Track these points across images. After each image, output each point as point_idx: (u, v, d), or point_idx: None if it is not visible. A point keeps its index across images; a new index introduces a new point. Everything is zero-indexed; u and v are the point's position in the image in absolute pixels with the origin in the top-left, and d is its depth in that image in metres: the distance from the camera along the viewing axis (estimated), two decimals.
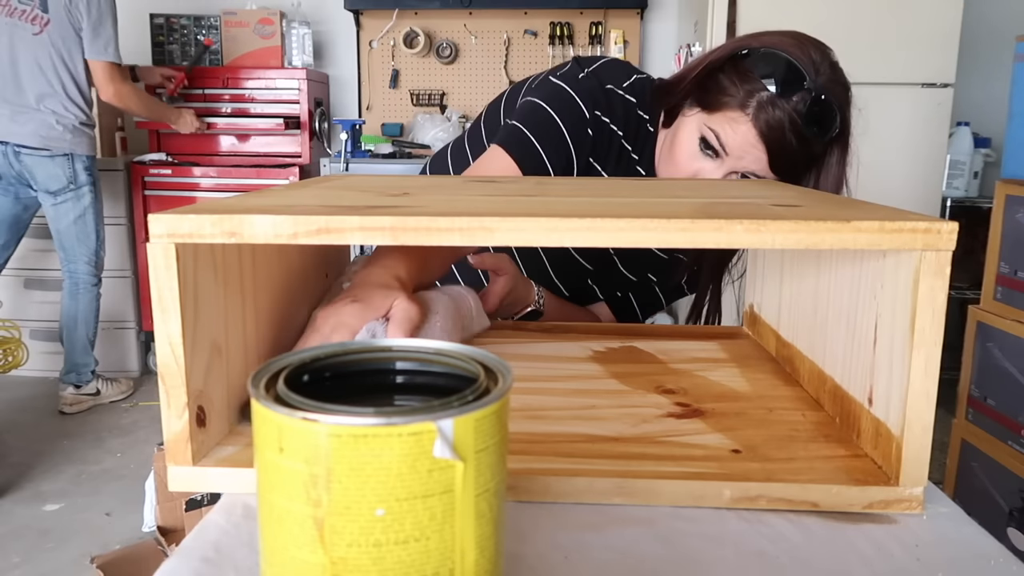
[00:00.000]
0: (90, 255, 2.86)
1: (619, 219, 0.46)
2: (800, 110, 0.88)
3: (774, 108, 0.89)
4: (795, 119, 0.89)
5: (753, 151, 0.91)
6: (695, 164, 0.95)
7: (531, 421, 0.61)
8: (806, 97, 0.89)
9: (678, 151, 0.97)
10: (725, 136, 0.92)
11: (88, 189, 2.79)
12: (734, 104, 0.91)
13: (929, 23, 2.60)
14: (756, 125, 0.90)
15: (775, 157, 0.91)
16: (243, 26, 3.34)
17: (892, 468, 0.50)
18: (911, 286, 0.48)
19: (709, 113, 0.94)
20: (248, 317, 0.59)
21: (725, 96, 0.92)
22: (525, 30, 3.55)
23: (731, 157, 0.93)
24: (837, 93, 0.91)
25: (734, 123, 0.91)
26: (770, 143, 0.90)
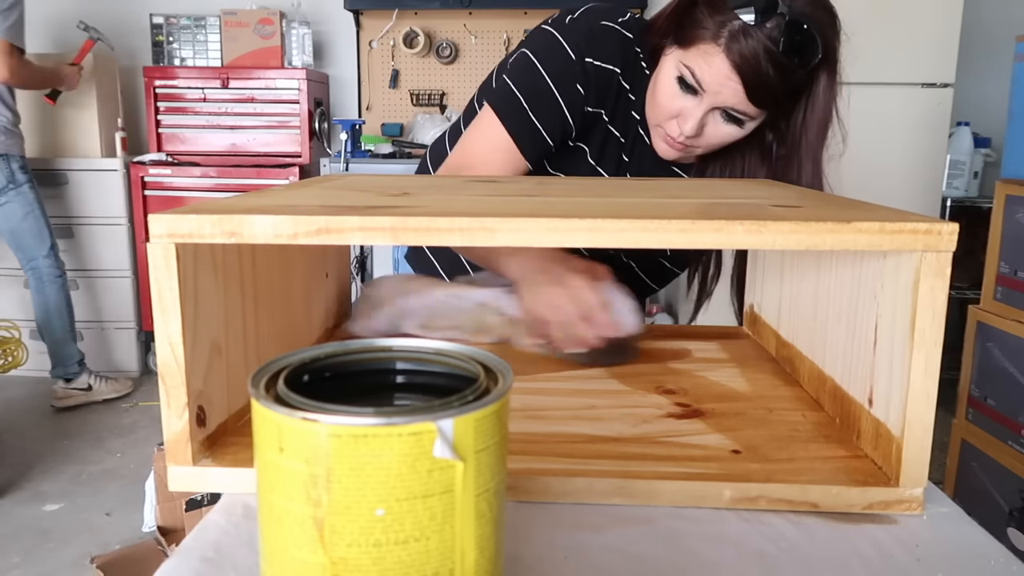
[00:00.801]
0: (48, 249, 2.90)
1: (620, 220, 0.46)
2: (775, 37, 0.85)
3: (747, 37, 0.85)
4: (770, 47, 0.85)
5: (729, 84, 0.88)
6: (676, 103, 0.93)
7: (531, 421, 0.61)
8: (780, 23, 0.85)
9: (659, 92, 0.95)
10: (700, 72, 0.90)
11: (28, 186, 2.83)
12: (707, 37, 0.88)
13: (929, 23, 2.60)
14: (729, 57, 0.87)
15: (752, 89, 0.88)
16: (243, 26, 3.34)
17: (892, 469, 0.50)
18: (911, 287, 0.48)
19: (684, 49, 0.91)
20: (248, 317, 0.59)
21: (699, 30, 0.89)
22: (525, 30, 3.55)
23: (708, 93, 0.90)
24: (816, 17, 0.87)
25: (708, 57, 0.89)
26: (745, 75, 0.87)
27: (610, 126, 1.02)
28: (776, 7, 0.85)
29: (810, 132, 0.93)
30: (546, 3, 3.45)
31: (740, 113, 0.91)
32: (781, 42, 0.85)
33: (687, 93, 0.92)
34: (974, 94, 3.27)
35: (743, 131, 0.93)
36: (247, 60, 3.36)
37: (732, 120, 0.92)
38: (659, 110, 0.96)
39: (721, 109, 0.92)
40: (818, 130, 0.94)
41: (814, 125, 0.93)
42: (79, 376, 2.99)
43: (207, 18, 3.43)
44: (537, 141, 0.98)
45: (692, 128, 0.92)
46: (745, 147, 0.99)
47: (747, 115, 0.91)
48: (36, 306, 2.90)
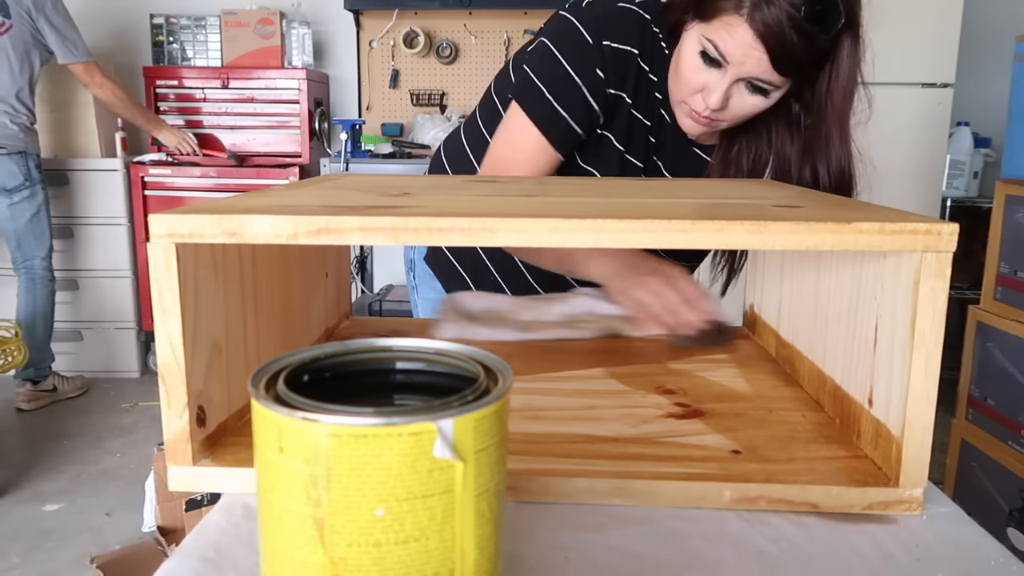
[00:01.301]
0: (45, 251, 2.91)
1: (620, 220, 0.46)
2: (797, 4, 0.85)
3: (769, 5, 0.85)
4: (793, 14, 0.85)
5: (754, 53, 0.88)
6: (700, 78, 0.93)
7: (531, 421, 0.61)
8: None
9: (682, 67, 0.95)
10: (723, 44, 0.89)
11: (40, 187, 2.86)
12: (729, 8, 0.88)
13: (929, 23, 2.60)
14: (753, 26, 0.87)
15: (777, 57, 0.88)
16: (243, 26, 3.34)
17: (892, 469, 0.50)
18: (912, 287, 0.48)
19: (706, 23, 0.91)
20: (248, 317, 0.59)
21: (720, 1, 0.89)
22: (525, 30, 3.55)
23: (732, 64, 0.90)
24: None
25: (731, 28, 0.88)
26: (769, 43, 0.87)
27: (633, 110, 1.02)
28: None
29: (836, 98, 0.93)
30: (546, 3, 3.45)
31: (765, 82, 0.91)
32: (803, 8, 0.85)
33: (711, 67, 0.92)
34: (974, 94, 3.27)
35: (768, 101, 0.93)
36: (247, 60, 3.36)
37: (757, 91, 0.92)
38: (683, 85, 0.96)
39: (746, 80, 0.91)
40: (844, 96, 0.93)
41: (839, 91, 0.93)
42: (46, 379, 3.00)
43: (207, 18, 3.43)
44: (566, 131, 0.98)
45: (718, 101, 0.92)
46: (771, 119, 0.99)
47: (772, 84, 0.91)
48: (23, 306, 2.90)
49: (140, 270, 3.32)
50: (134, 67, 3.52)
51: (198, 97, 3.32)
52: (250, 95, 3.31)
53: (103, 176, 3.24)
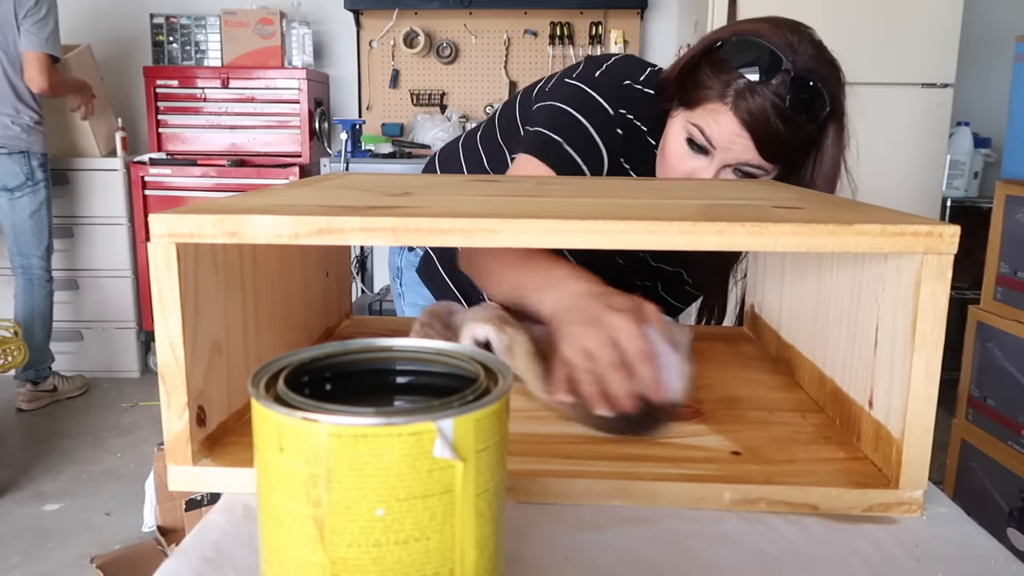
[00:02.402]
0: (43, 250, 2.90)
1: (620, 221, 0.46)
2: (781, 93, 0.86)
3: (753, 94, 0.87)
4: (777, 103, 0.86)
5: (739, 140, 0.89)
6: (687, 164, 0.94)
7: (531, 421, 0.61)
8: (786, 79, 0.86)
9: (669, 154, 0.96)
10: (709, 130, 0.91)
11: (43, 185, 2.85)
12: (713, 96, 0.89)
13: (929, 23, 2.60)
14: (737, 114, 0.88)
15: (763, 144, 0.89)
16: (243, 26, 3.34)
17: (892, 471, 0.50)
18: (912, 289, 0.48)
19: (691, 110, 0.92)
20: (248, 317, 0.59)
21: (704, 90, 0.90)
22: (525, 30, 3.55)
23: (719, 150, 0.91)
24: (821, 72, 0.88)
25: (715, 115, 0.90)
26: (754, 130, 0.88)
27: None
28: (780, 64, 0.87)
29: (819, 185, 0.94)
30: (546, 3, 3.46)
31: (754, 167, 0.92)
32: (788, 98, 0.86)
33: (697, 153, 0.93)
34: (974, 94, 3.27)
35: None
36: (247, 60, 3.36)
37: (745, 176, 0.93)
38: (670, 172, 0.96)
39: (733, 166, 0.92)
40: (827, 184, 0.94)
41: (822, 178, 0.94)
42: (47, 379, 2.99)
43: (207, 18, 3.42)
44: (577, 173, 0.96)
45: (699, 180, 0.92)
46: None
47: (761, 169, 0.92)
48: (21, 307, 2.89)
49: (140, 270, 3.31)
50: (134, 67, 3.52)
51: (198, 97, 3.32)
52: (250, 95, 3.31)
53: (103, 176, 3.24)
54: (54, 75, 2.77)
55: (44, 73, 2.72)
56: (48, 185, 2.88)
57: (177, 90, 3.32)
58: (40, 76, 2.72)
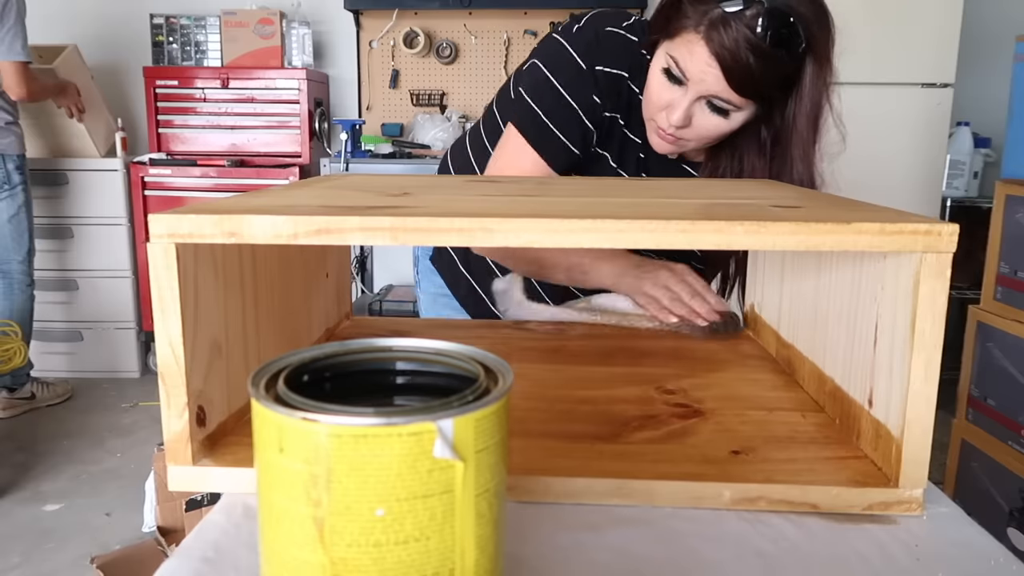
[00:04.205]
0: (24, 254, 2.83)
1: (619, 220, 0.46)
2: (754, 26, 0.85)
3: (726, 26, 0.86)
4: (750, 36, 0.85)
5: (711, 72, 0.89)
6: (665, 95, 0.94)
7: (531, 421, 0.61)
8: (760, 11, 0.85)
9: (650, 85, 0.96)
10: (683, 61, 0.90)
11: (21, 188, 2.77)
12: (689, 26, 0.89)
13: (929, 23, 2.60)
14: (709, 45, 0.87)
15: (733, 77, 0.88)
16: (243, 26, 3.34)
17: (892, 470, 0.50)
18: (911, 288, 0.48)
19: (671, 40, 0.92)
20: (248, 317, 0.59)
21: (683, 19, 0.90)
22: (525, 30, 3.55)
23: (692, 82, 0.91)
24: (799, 7, 0.87)
25: (690, 45, 0.89)
26: (725, 63, 0.87)
27: (626, 130, 1.03)
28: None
29: (799, 124, 0.93)
30: (546, 3, 3.45)
31: (724, 102, 0.91)
32: (761, 31, 0.85)
33: (674, 84, 0.93)
34: (974, 94, 3.27)
35: (730, 122, 0.94)
36: (247, 60, 3.36)
37: (717, 111, 0.92)
38: (650, 103, 0.97)
39: (706, 99, 0.92)
40: (808, 123, 0.93)
41: (803, 117, 0.93)
42: (24, 386, 2.94)
43: (207, 18, 3.42)
44: (563, 154, 1.00)
45: (679, 119, 0.93)
46: (743, 142, 1.00)
47: (732, 104, 0.91)
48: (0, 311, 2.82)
49: (140, 270, 3.31)
50: (134, 67, 3.52)
51: (198, 97, 3.32)
52: (250, 95, 3.31)
53: (103, 176, 3.24)
54: (32, 82, 2.71)
55: (23, 81, 2.66)
56: (27, 188, 2.80)
57: (177, 90, 3.32)
58: (19, 85, 2.66)
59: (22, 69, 2.65)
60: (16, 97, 2.69)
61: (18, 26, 2.61)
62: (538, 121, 1.00)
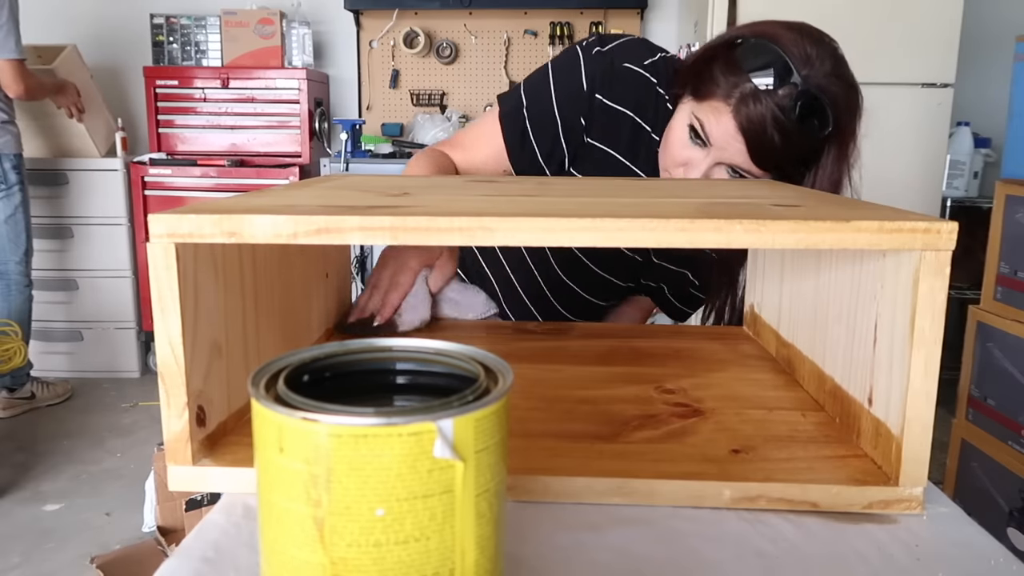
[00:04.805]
0: (21, 254, 2.81)
1: (618, 219, 0.46)
2: (784, 105, 0.85)
3: (755, 102, 0.86)
4: (778, 114, 0.86)
5: (734, 143, 0.90)
6: (685, 153, 0.95)
7: (531, 421, 0.61)
8: (792, 92, 0.85)
9: (671, 138, 0.97)
10: (708, 126, 0.91)
11: (18, 188, 2.75)
12: (719, 94, 0.90)
13: (929, 23, 2.60)
14: (736, 117, 0.88)
15: (756, 152, 0.89)
16: (243, 26, 3.34)
17: (892, 468, 0.50)
18: (911, 286, 0.48)
19: (698, 101, 0.93)
20: (248, 317, 0.59)
21: (713, 85, 0.90)
22: (525, 30, 3.55)
23: (715, 148, 0.92)
24: (831, 90, 0.87)
25: (717, 113, 0.90)
26: (750, 137, 0.88)
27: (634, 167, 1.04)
28: (790, 76, 0.86)
29: None
30: (546, 3, 3.46)
31: (744, 172, 0.92)
32: (790, 111, 0.86)
33: (696, 144, 0.94)
34: (974, 94, 3.27)
35: None
36: (247, 60, 3.36)
37: (735, 173, 0.93)
38: (669, 156, 0.97)
39: (727, 165, 0.93)
40: None
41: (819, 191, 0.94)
42: (24, 385, 2.94)
43: (207, 18, 3.43)
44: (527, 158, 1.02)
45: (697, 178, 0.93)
46: None
47: (751, 174, 0.92)
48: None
49: (140, 270, 3.31)
50: (134, 67, 3.52)
51: (198, 97, 3.32)
52: (250, 95, 3.31)
53: (103, 176, 3.24)
54: (29, 79, 2.70)
55: (19, 79, 2.64)
56: (24, 187, 2.78)
57: (177, 90, 3.32)
58: (15, 82, 2.64)
59: (17, 66, 2.63)
60: (14, 95, 2.67)
61: (11, 23, 2.59)
62: (519, 118, 1.02)
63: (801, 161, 0.92)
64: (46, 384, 3.04)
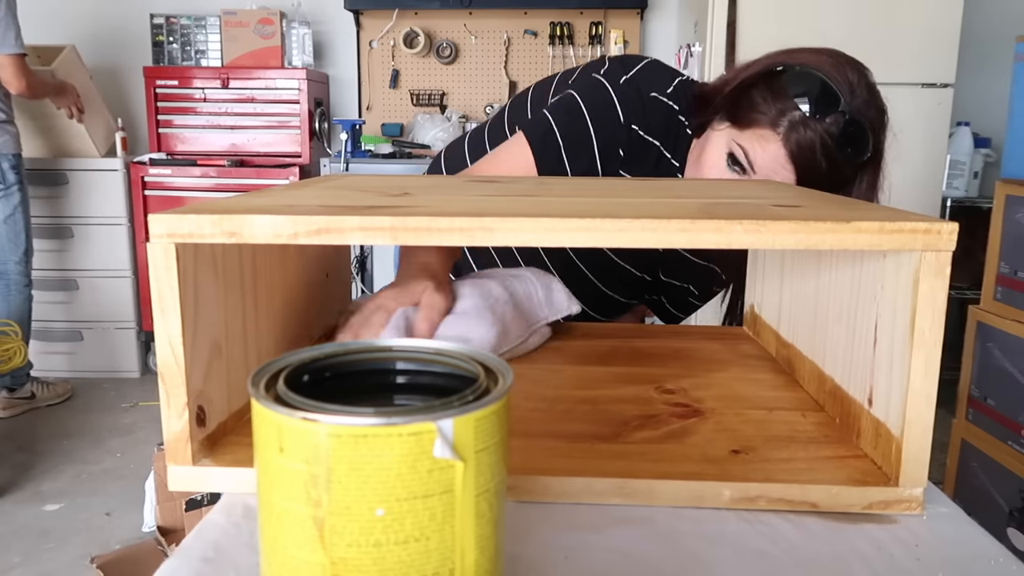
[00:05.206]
0: (21, 255, 2.80)
1: (619, 219, 0.46)
2: (833, 132, 0.87)
3: (806, 129, 0.87)
4: (827, 141, 0.87)
5: (782, 171, 0.90)
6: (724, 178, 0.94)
7: (531, 421, 0.61)
8: (840, 119, 0.87)
9: (706, 164, 0.95)
10: (754, 154, 0.91)
11: (17, 188, 2.74)
12: (765, 122, 0.89)
13: (929, 23, 2.60)
14: (787, 145, 0.88)
15: (804, 179, 0.89)
16: (243, 26, 3.34)
17: (892, 469, 0.50)
18: (911, 287, 0.48)
19: (740, 129, 0.92)
20: (248, 317, 0.59)
21: (756, 113, 0.90)
22: (525, 30, 3.55)
23: (758, 175, 0.91)
24: (872, 116, 0.89)
25: (764, 141, 0.90)
26: (799, 164, 0.88)
27: None
28: (838, 103, 0.87)
29: None
30: (546, 3, 3.46)
31: None
32: (837, 137, 0.87)
33: (734, 170, 0.93)
34: (974, 94, 3.27)
35: None
36: (247, 60, 3.36)
37: None
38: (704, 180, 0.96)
39: None
40: None
41: None
42: (24, 385, 2.93)
43: (207, 18, 3.43)
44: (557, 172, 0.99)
45: None
46: None
47: None
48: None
49: (140, 270, 3.32)
50: (134, 67, 3.53)
51: (198, 97, 3.32)
52: (250, 95, 3.31)
53: (103, 176, 3.24)
54: (31, 75, 2.67)
55: (20, 74, 2.62)
56: (23, 187, 2.77)
57: (177, 90, 3.32)
58: (17, 79, 2.62)
59: (18, 62, 2.61)
60: (15, 91, 2.65)
61: (9, 18, 2.57)
62: (552, 140, 0.98)
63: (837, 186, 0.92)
64: (46, 384, 3.03)
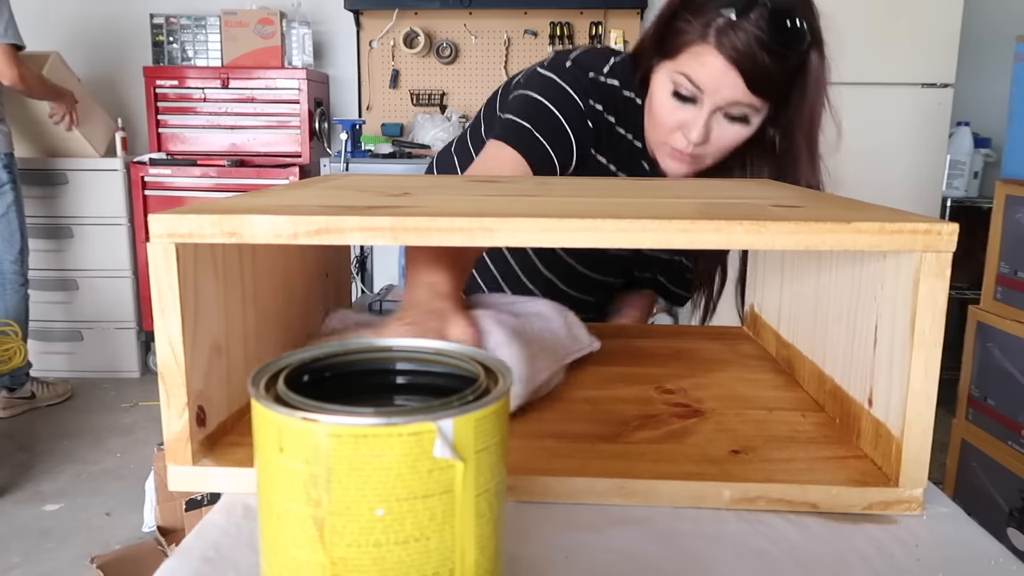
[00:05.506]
0: (16, 254, 2.78)
1: (619, 219, 0.46)
2: (762, 25, 0.86)
3: (736, 30, 0.86)
4: (760, 36, 0.86)
5: (727, 79, 0.88)
6: (676, 116, 0.93)
7: (531, 421, 0.61)
8: (763, 12, 0.86)
9: (657, 109, 0.95)
10: (695, 74, 0.90)
11: (9, 187, 2.71)
12: (695, 39, 0.89)
13: (929, 23, 2.60)
14: (723, 52, 0.87)
15: (752, 78, 0.88)
16: (243, 26, 3.34)
17: (892, 469, 0.50)
18: (911, 287, 0.48)
19: (674, 58, 0.91)
20: (248, 317, 0.59)
21: (684, 36, 0.90)
22: (525, 30, 3.55)
23: (708, 93, 0.90)
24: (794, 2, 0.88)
25: (700, 57, 0.89)
26: (742, 67, 0.87)
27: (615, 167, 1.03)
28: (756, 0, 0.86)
29: (804, 118, 0.93)
30: (546, 3, 3.45)
31: (745, 106, 0.90)
32: (769, 30, 0.86)
33: (686, 103, 0.92)
34: (974, 94, 3.27)
35: (750, 128, 0.93)
36: (247, 60, 3.36)
37: (736, 120, 0.92)
38: (660, 127, 0.96)
39: (723, 110, 0.91)
40: (812, 116, 0.94)
41: (807, 111, 0.93)
42: (24, 385, 2.92)
43: (207, 18, 3.43)
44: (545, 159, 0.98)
45: (699, 135, 0.92)
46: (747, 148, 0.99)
47: (752, 107, 0.91)
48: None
49: (140, 270, 3.31)
50: (134, 67, 3.52)
51: (198, 97, 3.32)
52: (250, 95, 3.31)
53: (103, 176, 3.24)
54: (24, 67, 2.63)
55: (11, 64, 2.57)
56: (16, 186, 2.74)
57: (177, 90, 3.32)
58: (8, 67, 2.56)
59: (11, 52, 2.57)
60: (8, 82, 2.61)
61: (2, 7, 2.54)
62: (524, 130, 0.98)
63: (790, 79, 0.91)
64: (46, 384, 3.03)
